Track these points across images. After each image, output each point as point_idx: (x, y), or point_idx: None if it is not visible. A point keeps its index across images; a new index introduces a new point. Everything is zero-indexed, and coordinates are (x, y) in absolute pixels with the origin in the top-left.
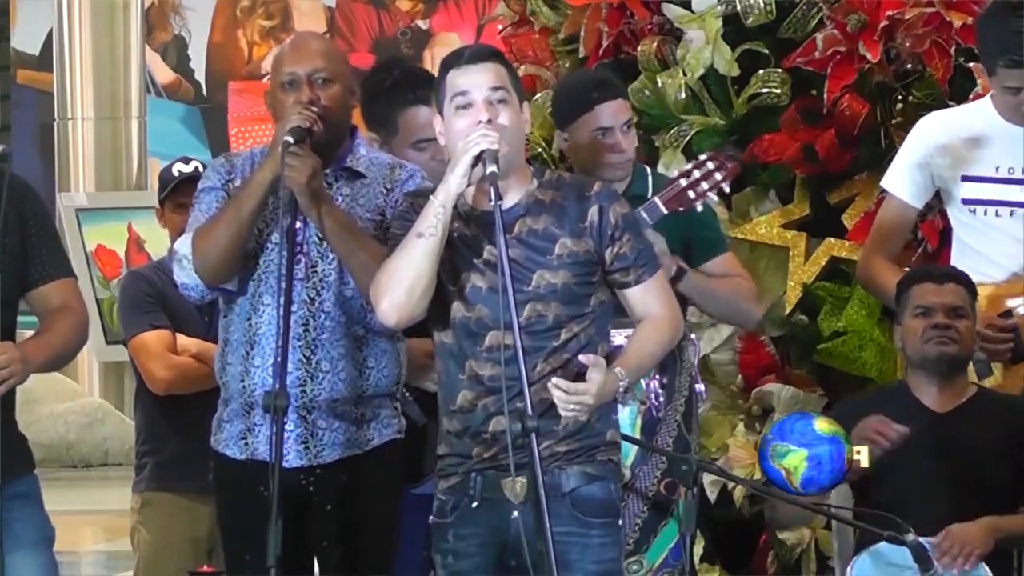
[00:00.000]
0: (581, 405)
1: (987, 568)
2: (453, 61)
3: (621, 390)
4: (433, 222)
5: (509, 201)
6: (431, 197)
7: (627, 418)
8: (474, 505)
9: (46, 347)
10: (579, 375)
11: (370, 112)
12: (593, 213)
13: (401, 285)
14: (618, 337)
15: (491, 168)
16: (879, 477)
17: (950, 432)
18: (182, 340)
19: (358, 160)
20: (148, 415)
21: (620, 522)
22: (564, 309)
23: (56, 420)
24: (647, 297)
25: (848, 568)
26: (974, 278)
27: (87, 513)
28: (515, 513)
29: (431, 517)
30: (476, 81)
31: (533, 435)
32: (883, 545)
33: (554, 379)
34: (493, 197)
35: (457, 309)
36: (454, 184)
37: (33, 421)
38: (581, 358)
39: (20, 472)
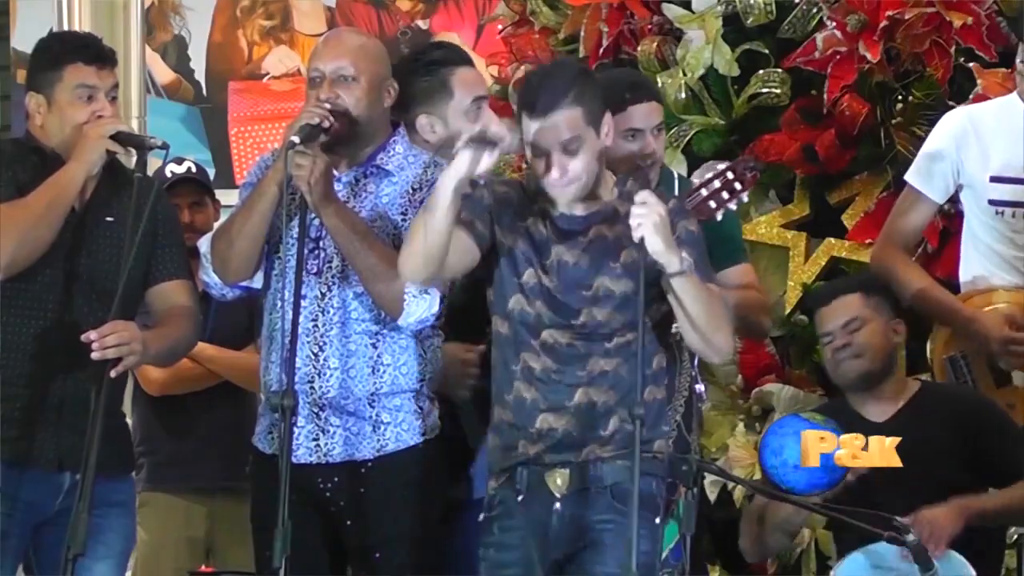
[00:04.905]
0: (647, 213)
1: (959, 556)
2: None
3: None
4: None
5: (589, 208)
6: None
7: None
8: (519, 498)
9: (164, 339)
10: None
11: (416, 86)
12: None
13: None
14: None
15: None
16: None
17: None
18: None
19: (390, 158)
20: (145, 416)
21: (657, 520)
22: (618, 316)
23: None
24: None
25: (838, 565)
26: (990, 280)
27: None
28: (557, 505)
29: (481, 515)
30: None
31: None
32: (879, 545)
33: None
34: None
35: (517, 301)
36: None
37: None
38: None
39: (117, 472)
